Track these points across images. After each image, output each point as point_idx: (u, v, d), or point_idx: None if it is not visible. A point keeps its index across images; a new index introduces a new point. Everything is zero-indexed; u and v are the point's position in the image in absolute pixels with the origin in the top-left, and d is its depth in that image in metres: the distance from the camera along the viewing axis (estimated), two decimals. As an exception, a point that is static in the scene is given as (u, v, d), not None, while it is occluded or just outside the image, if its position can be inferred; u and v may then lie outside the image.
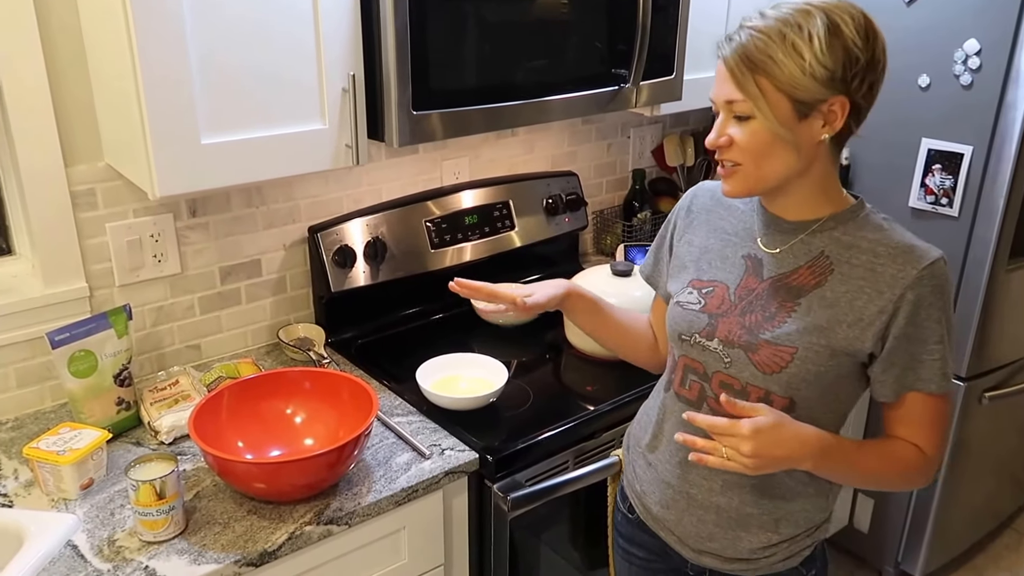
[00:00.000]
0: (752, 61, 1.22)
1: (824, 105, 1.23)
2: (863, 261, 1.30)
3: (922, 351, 1.29)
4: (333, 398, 1.74)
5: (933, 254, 1.28)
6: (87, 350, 1.74)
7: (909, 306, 1.27)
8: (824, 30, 1.20)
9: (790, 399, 1.34)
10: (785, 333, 1.32)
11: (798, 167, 1.28)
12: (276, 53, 1.63)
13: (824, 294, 1.31)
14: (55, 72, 1.73)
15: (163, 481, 1.47)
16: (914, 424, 1.35)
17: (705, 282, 1.44)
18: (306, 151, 1.72)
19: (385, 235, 2.20)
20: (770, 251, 1.38)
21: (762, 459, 1.25)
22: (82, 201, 1.83)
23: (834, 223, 1.33)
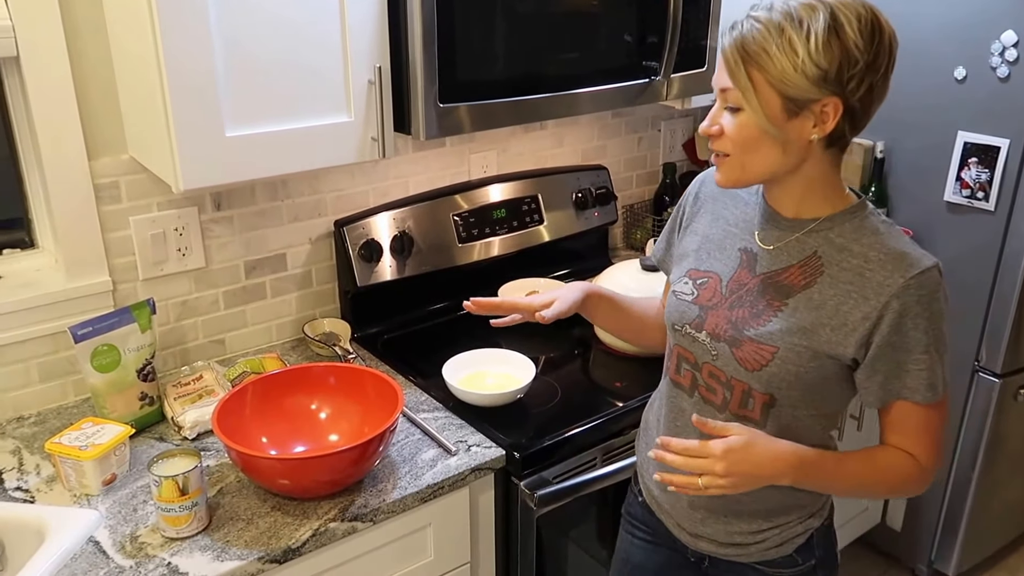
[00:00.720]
0: (747, 52, 1.18)
1: (816, 105, 1.18)
2: (853, 265, 1.26)
3: (907, 360, 1.26)
4: (358, 394, 1.71)
5: (924, 263, 1.24)
6: (110, 344, 1.71)
7: (893, 314, 1.23)
8: (824, 28, 1.15)
9: (771, 396, 1.32)
10: (768, 332, 1.30)
11: (785, 164, 1.25)
12: (301, 44, 1.61)
13: (812, 295, 1.28)
14: (78, 64, 1.71)
15: (186, 477, 1.44)
16: (905, 432, 1.32)
17: (701, 272, 1.42)
18: (332, 144, 1.70)
19: (412, 229, 2.17)
20: (765, 246, 1.35)
21: (737, 478, 1.26)
22: (105, 194, 1.81)
23: (831, 224, 1.29)
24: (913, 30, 2.51)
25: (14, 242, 1.88)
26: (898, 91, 2.53)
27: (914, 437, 1.32)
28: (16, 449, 1.72)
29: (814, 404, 1.34)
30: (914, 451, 1.32)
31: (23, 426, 1.80)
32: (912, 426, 1.31)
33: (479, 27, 1.72)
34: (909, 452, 1.32)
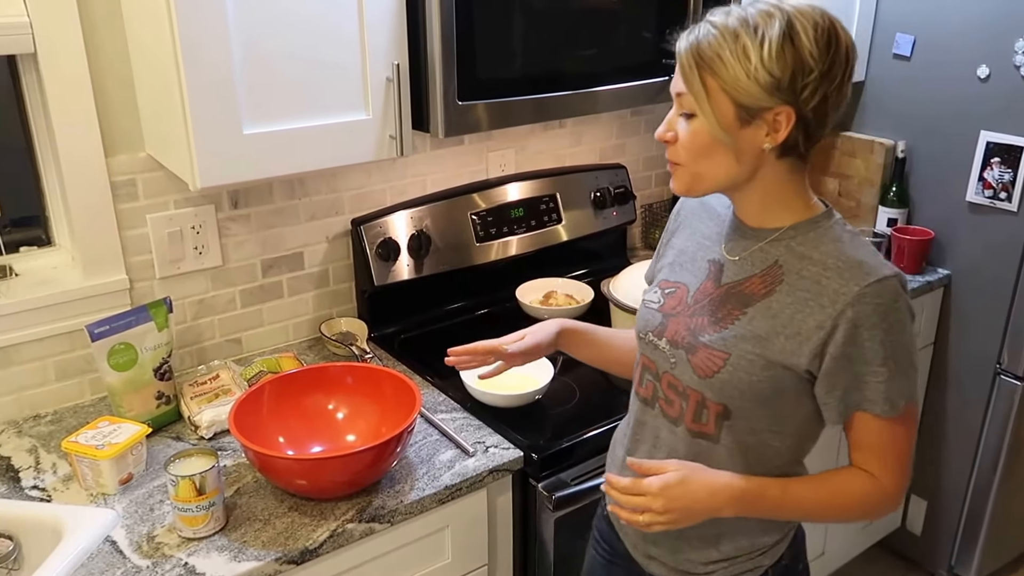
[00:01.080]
0: (701, 57, 1.16)
1: (769, 113, 1.15)
2: (812, 273, 1.22)
3: (865, 371, 1.21)
4: (376, 394, 1.69)
5: (883, 271, 1.20)
6: (127, 343, 1.71)
7: (848, 324, 1.19)
8: (779, 35, 1.13)
9: (724, 406, 1.29)
10: (722, 338, 1.27)
11: (739, 174, 1.22)
12: (319, 41, 1.59)
13: (770, 304, 1.25)
14: (96, 61, 1.70)
15: (203, 477, 1.43)
16: (866, 448, 1.27)
17: (671, 283, 1.40)
18: (349, 142, 1.68)
19: (429, 228, 2.15)
20: (731, 257, 1.32)
21: (676, 514, 1.26)
22: (122, 192, 1.80)
23: (794, 232, 1.26)
24: (935, 28, 2.48)
25: (31, 239, 1.87)
26: (920, 90, 2.54)
27: (875, 454, 1.27)
28: (33, 448, 1.72)
29: (773, 420, 1.29)
30: (875, 470, 1.27)
31: (40, 424, 1.80)
32: (873, 442, 1.26)
33: (498, 23, 1.70)
34: (871, 472, 1.27)
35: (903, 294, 1.21)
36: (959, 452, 2.72)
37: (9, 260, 1.82)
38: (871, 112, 2.70)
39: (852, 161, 2.74)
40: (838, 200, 2.79)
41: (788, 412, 1.29)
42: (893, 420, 1.24)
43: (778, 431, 1.30)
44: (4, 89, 1.77)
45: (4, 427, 1.79)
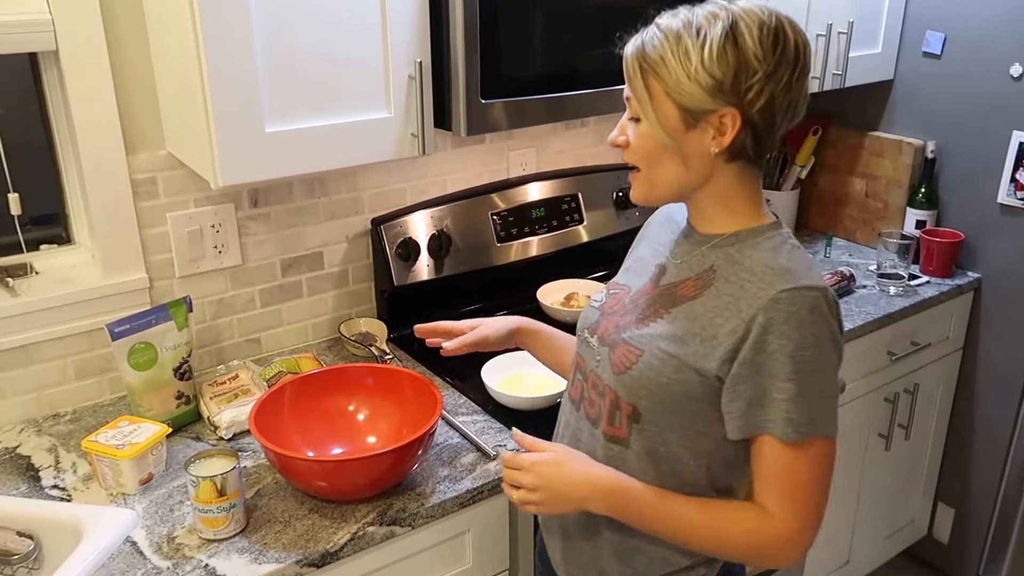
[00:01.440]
0: (646, 60, 1.16)
1: (714, 116, 1.15)
2: (739, 279, 1.20)
3: (770, 385, 1.16)
4: (396, 395, 1.70)
5: (805, 281, 1.16)
6: (147, 342, 1.72)
7: (758, 329, 1.15)
8: (721, 35, 1.12)
9: (634, 407, 1.27)
10: (639, 335, 1.27)
11: (689, 180, 1.21)
12: (342, 39, 1.61)
13: (694, 306, 1.23)
14: (117, 59, 1.72)
15: (224, 478, 1.44)
16: (764, 478, 1.21)
17: (618, 284, 1.41)
18: (371, 140, 1.69)
19: (450, 228, 2.16)
20: (674, 260, 1.31)
21: (545, 493, 1.28)
22: (143, 190, 1.82)
23: (735, 239, 1.24)
24: (967, 26, 2.47)
25: (51, 238, 1.89)
26: (951, 88, 2.53)
27: (773, 485, 1.20)
28: (52, 447, 1.74)
29: (684, 434, 1.26)
30: (772, 505, 1.20)
31: (59, 423, 1.82)
32: (773, 470, 1.19)
33: (522, 21, 1.71)
34: (767, 507, 1.21)
35: (824, 310, 1.16)
36: (988, 459, 2.71)
37: (29, 258, 1.84)
38: (900, 111, 2.69)
39: (880, 161, 2.73)
40: (865, 201, 2.79)
41: (700, 427, 1.25)
42: (796, 450, 1.17)
43: (690, 447, 1.27)
44: (25, 87, 1.79)
45: (24, 426, 1.81)
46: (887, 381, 2.50)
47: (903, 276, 2.47)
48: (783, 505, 1.20)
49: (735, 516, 1.24)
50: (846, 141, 2.81)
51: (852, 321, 2.30)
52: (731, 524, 1.24)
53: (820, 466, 1.20)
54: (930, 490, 2.87)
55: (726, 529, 1.24)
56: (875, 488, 2.64)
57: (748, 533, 1.22)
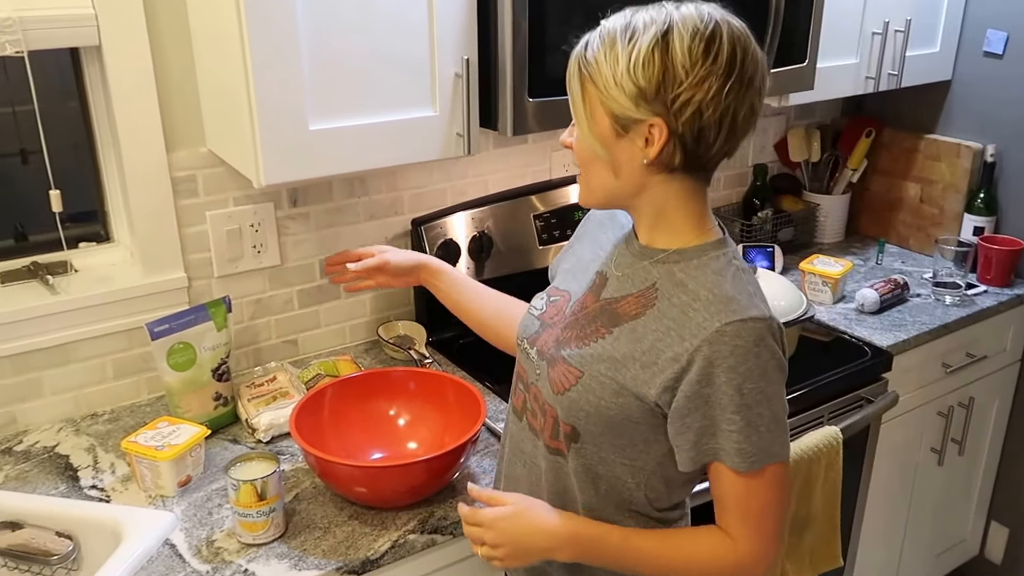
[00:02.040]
0: (584, 65, 1.16)
1: (643, 126, 1.14)
2: (682, 303, 1.19)
3: (720, 417, 1.17)
4: (438, 400, 1.72)
5: (750, 312, 1.16)
6: (186, 343, 1.75)
7: (703, 362, 1.15)
8: (649, 42, 1.11)
9: (572, 427, 1.28)
10: (580, 355, 1.26)
11: (619, 188, 1.21)
12: (388, 36, 1.62)
13: (636, 327, 1.23)
14: (159, 55, 1.75)
15: (264, 482, 1.46)
16: (723, 504, 1.24)
17: (558, 291, 1.40)
18: (415, 139, 1.71)
19: (491, 229, 2.18)
20: (616, 272, 1.30)
21: (508, 548, 1.27)
22: (182, 188, 1.85)
23: (678, 257, 1.23)
24: (1030, 25, 2.45)
25: (90, 235, 1.93)
26: (1013, 90, 2.50)
27: (733, 512, 1.23)
28: (91, 447, 1.77)
29: (623, 452, 1.27)
30: (734, 530, 1.23)
31: (97, 423, 1.85)
32: (730, 498, 1.22)
33: (570, 17, 1.71)
34: (730, 533, 1.23)
35: (769, 341, 1.16)
36: (1046, 476, 2.68)
37: (68, 256, 1.87)
38: (957, 113, 2.67)
39: (936, 165, 2.71)
40: (919, 207, 2.77)
41: (640, 447, 1.26)
42: (751, 478, 1.19)
43: (629, 466, 1.28)
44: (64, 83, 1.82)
45: (62, 425, 1.84)
46: (941, 394, 2.48)
47: (960, 285, 2.45)
48: (745, 529, 1.23)
49: (699, 545, 1.26)
50: (900, 144, 2.79)
51: (906, 331, 2.28)
52: (696, 553, 1.26)
53: (776, 490, 1.22)
54: (983, 508, 2.84)
55: (692, 559, 1.26)
56: (926, 504, 2.62)
57: (713, 560, 1.25)
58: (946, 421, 2.51)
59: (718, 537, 1.25)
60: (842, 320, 2.35)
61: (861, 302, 2.38)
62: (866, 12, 2.34)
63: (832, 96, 2.42)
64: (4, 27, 1.58)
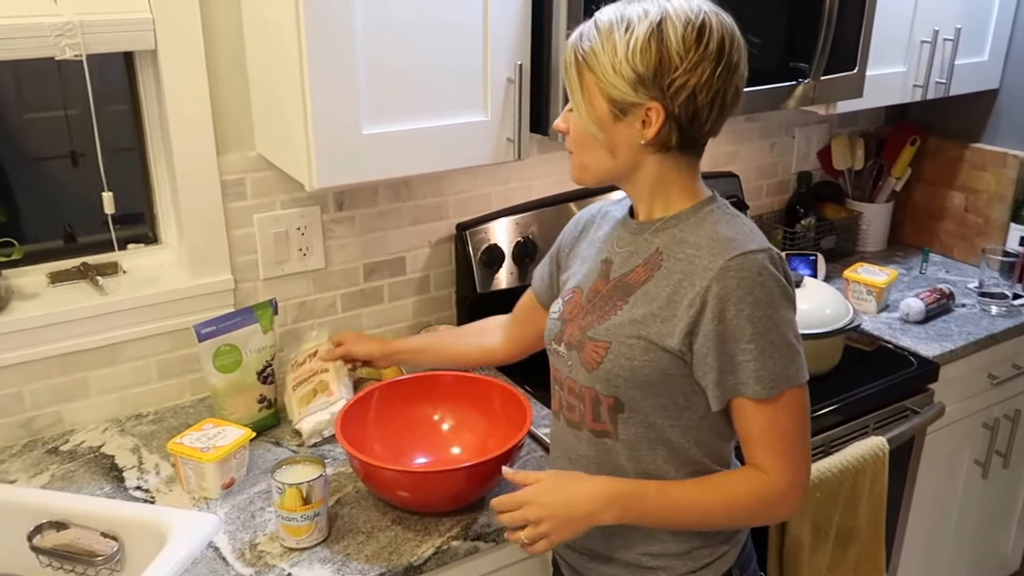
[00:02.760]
0: (580, 53, 1.22)
1: (640, 109, 1.21)
2: (687, 255, 1.26)
3: (735, 350, 1.22)
4: (484, 406, 1.69)
5: (748, 246, 1.22)
6: (232, 345, 1.73)
7: (715, 300, 1.20)
8: (646, 31, 1.17)
9: (615, 398, 1.30)
10: (604, 328, 1.30)
11: (617, 167, 1.28)
12: (443, 42, 1.60)
13: (648, 289, 1.28)
14: (213, 59, 1.74)
15: (310, 486, 1.44)
16: (750, 439, 1.27)
17: (569, 290, 1.43)
18: (466, 144, 1.69)
19: (535, 235, 2.14)
20: (619, 251, 1.36)
21: (552, 522, 1.27)
22: (231, 191, 1.83)
23: (676, 220, 1.30)
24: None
25: (138, 237, 1.91)
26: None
27: (761, 442, 1.26)
28: (135, 447, 1.75)
29: (667, 412, 1.29)
30: (763, 462, 1.26)
31: (141, 424, 1.84)
32: (754, 430, 1.26)
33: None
34: (760, 466, 1.27)
35: (770, 268, 1.21)
36: (1092, 491, 2.61)
37: (117, 257, 1.86)
38: (1005, 122, 2.61)
39: (981, 174, 2.65)
40: (963, 216, 2.70)
41: (681, 402, 1.29)
42: (772, 405, 1.24)
43: (676, 424, 1.30)
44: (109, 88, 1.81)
45: (107, 425, 1.83)
46: (986, 405, 2.41)
47: (1007, 295, 2.39)
48: (775, 459, 1.26)
49: (734, 484, 1.30)
50: (945, 153, 2.73)
51: (952, 342, 2.22)
52: (733, 492, 1.29)
53: (798, 413, 1.26)
54: (1026, 523, 2.77)
55: (731, 499, 1.29)
56: (970, 516, 2.56)
57: (750, 495, 1.28)
58: (991, 433, 2.44)
59: (751, 473, 1.28)
60: (887, 330, 2.29)
61: (906, 311, 2.32)
62: (915, 20, 2.29)
63: (879, 104, 2.37)
64: (65, 31, 1.58)
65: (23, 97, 1.84)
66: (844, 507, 1.83)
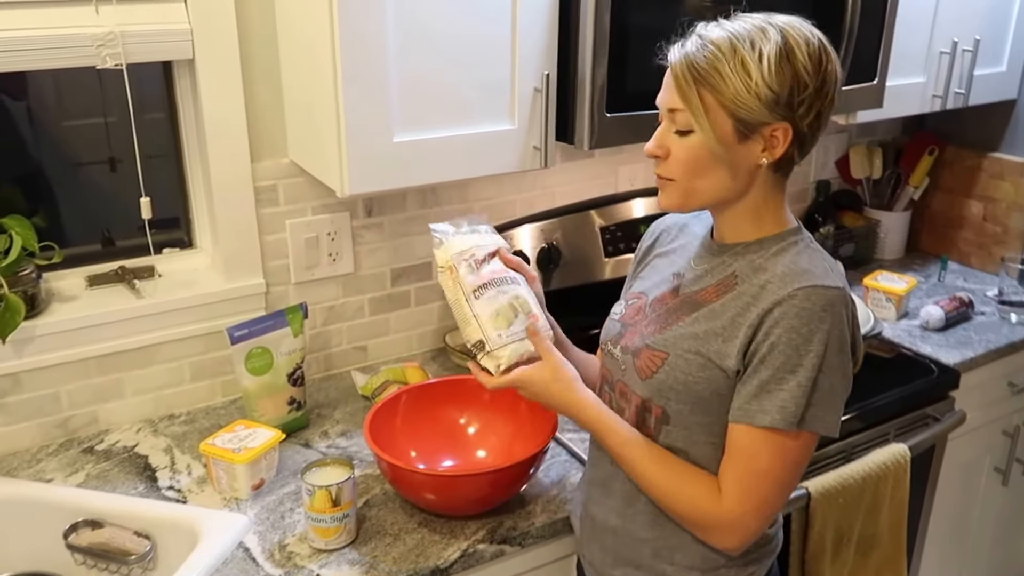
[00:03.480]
0: (699, 72, 1.15)
1: (767, 129, 1.16)
2: (760, 281, 1.22)
3: (772, 378, 1.16)
4: (511, 411, 1.66)
5: (823, 280, 1.17)
6: (264, 347, 1.72)
7: (772, 323, 1.16)
8: (776, 51, 1.14)
9: (663, 409, 1.27)
10: (663, 339, 1.27)
11: (733, 189, 1.22)
12: (472, 52, 1.59)
13: (715, 308, 1.24)
14: (248, 69, 1.74)
15: (339, 488, 1.42)
16: (727, 455, 1.22)
17: (635, 294, 1.41)
18: (494, 151, 1.67)
19: (559, 241, 2.12)
20: (695, 268, 1.32)
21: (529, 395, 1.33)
22: (264, 197, 1.83)
23: (758, 246, 1.26)
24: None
25: (173, 241, 1.91)
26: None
27: (732, 465, 1.21)
28: (168, 447, 1.74)
29: (708, 427, 1.25)
30: (725, 483, 1.21)
31: (174, 424, 1.83)
32: (735, 449, 1.21)
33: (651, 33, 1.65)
34: (721, 485, 1.22)
35: (839, 309, 1.16)
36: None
37: (153, 261, 1.86)
38: (1023, 132, 2.57)
39: (1000, 184, 2.61)
40: (982, 224, 2.66)
41: (725, 420, 1.23)
42: (774, 437, 1.17)
43: (715, 441, 1.26)
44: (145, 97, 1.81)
45: (141, 425, 1.82)
46: (1006, 413, 2.37)
47: (1026, 304, 2.35)
48: (735, 487, 1.21)
49: (689, 482, 1.25)
50: (963, 162, 2.69)
51: (973, 349, 2.19)
52: (683, 487, 1.25)
53: (786, 459, 1.20)
54: (1044, 529, 2.72)
55: (676, 490, 1.25)
56: (988, 525, 2.52)
57: (692, 502, 1.24)
58: (1012, 441, 2.40)
59: (709, 487, 1.23)
60: (906, 337, 2.26)
61: (926, 319, 2.29)
62: (935, 31, 2.26)
63: (899, 114, 2.34)
64: (106, 41, 1.58)
65: (63, 104, 1.84)
66: (866, 514, 1.81)
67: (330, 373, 2.04)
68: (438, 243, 1.43)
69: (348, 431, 1.82)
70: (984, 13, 2.35)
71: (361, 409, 1.88)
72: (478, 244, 1.42)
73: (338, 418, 1.87)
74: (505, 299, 1.37)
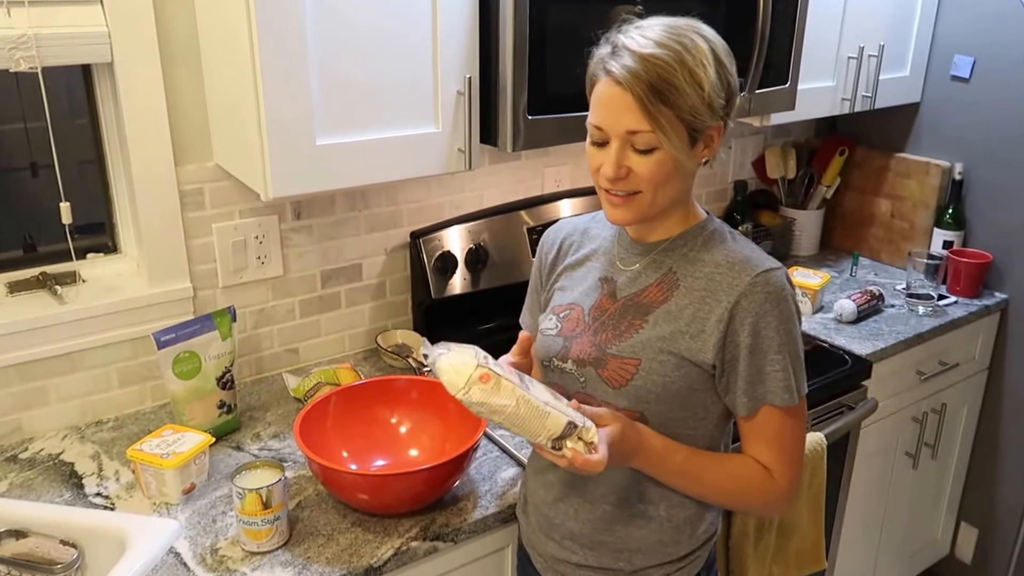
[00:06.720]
0: (659, 91, 1.14)
1: (709, 131, 1.21)
2: (705, 273, 1.26)
3: (764, 362, 1.24)
4: (440, 409, 1.64)
5: (768, 264, 1.24)
6: (192, 351, 1.67)
7: (744, 314, 1.22)
8: (712, 58, 1.17)
9: (640, 413, 1.28)
10: (630, 346, 1.28)
11: (685, 189, 1.27)
12: (394, 55, 1.57)
13: (669, 308, 1.27)
14: (169, 72, 1.68)
15: (269, 490, 1.39)
16: (763, 440, 1.29)
17: (564, 306, 1.39)
18: (418, 154, 1.65)
19: (487, 242, 2.11)
20: (625, 269, 1.34)
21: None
22: (190, 201, 1.78)
23: (683, 240, 1.30)
24: (997, 49, 2.42)
25: (97, 246, 1.85)
26: (979, 112, 2.46)
27: (771, 446, 1.29)
28: (96, 454, 1.68)
29: (684, 422, 1.29)
30: (768, 462, 1.29)
31: (102, 431, 1.77)
32: (769, 433, 1.28)
33: (570, 39, 1.65)
34: (764, 464, 1.29)
35: (788, 286, 1.25)
36: (1013, 480, 2.63)
37: (76, 266, 1.79)
38: (927, 134, 2.63)
39: (906, 182, 2.67)
40: (890, 221, 2.72)
41: (700, 414, 1.30)
42: (790, 412, 1.26)
43: (691, 432, 1.31)
44: (73, 101, 1.75)
45: (67, 432, 1.76)
46: (915, 400, 2.43)
47: (932, 296, 2.40)
48: (777, 462, 1.29)
49: (744, 475, 1.30)
50: (872, 162, 2.75)
51: (883, 340, 2.23)
52: (742, 481, 1.30)
53: (801, 423, 1.31)
54: (953, 509, 2.79)
55: (738, 484, 1.30)
56: (900, 506, 2.57)
57: (754, 488, 1.30)
58: (920, 426, 2.46)
59: (756, 467, 1.29)
60: (822, 330, 2.29)
61: (839, 312, 2.33)
62: (843, 38, 2.30)
63: (811, 116, 2.38)
64: (19, 44, 1.52)
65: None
66: (785, 499, 1.83)
67: (262, 376, 2.00)
68: (442, 355, 1.19)
69: (280, 433, 1.78)
70: (889, 20, 2.40)
71: (293, 411, 1.84)
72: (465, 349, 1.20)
73: (270, 420, 1.82)
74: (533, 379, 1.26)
